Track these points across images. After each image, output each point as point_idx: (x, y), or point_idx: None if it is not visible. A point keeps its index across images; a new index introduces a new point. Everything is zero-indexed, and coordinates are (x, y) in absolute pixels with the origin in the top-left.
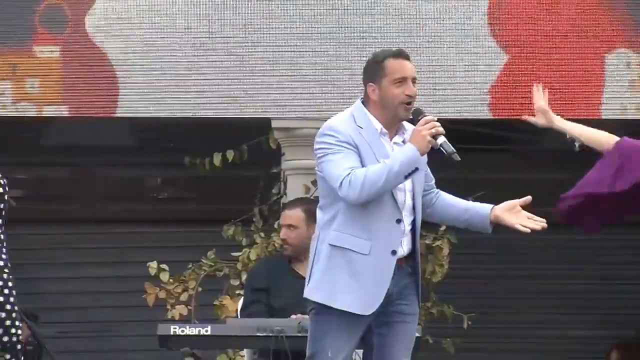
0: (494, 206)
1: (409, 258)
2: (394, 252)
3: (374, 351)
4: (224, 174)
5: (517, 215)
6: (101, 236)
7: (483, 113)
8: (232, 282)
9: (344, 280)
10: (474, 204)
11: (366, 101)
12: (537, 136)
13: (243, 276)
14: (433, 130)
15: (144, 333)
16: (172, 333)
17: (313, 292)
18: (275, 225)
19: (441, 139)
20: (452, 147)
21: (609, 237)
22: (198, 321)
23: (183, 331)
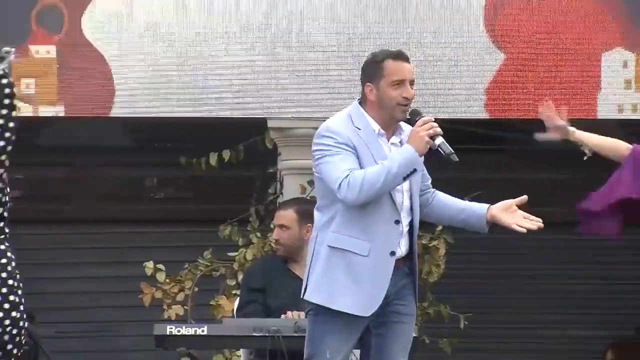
0: (490, 206)
1: (407, 258)
2: (393, 253)
3: (372, 351)
4: (220, 174)
5: (514, 215)
6: (98, 236)
7: (479, 113)
8: (229, 282)
9: (343, 281)
10: (471, 204)
11: (363, 101)
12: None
13: (239, 276)
14: (431, 131)
15: (142, 333)
16: (169, 333)
17: (312, 294)
18: (271, 225)
19: (439, 140)
20: (450, 148)
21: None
22: (194, 321)
23: (179, 331)
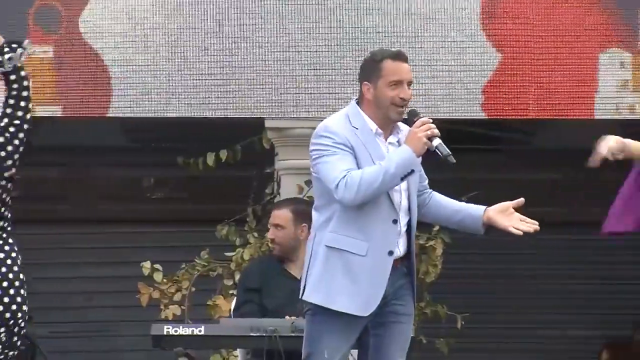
0: (487, 208)
1: (405, 258)
2: (391, 253)
3: (370, 352)
4: (218, 174)
5: (510, 217)
6: (95, 236)
7: (477, 113)
8: (226, 282)
9: (341, 281)
10: (467, 205)
11: (360, 100)
12: (531, 136)
13: (236, 276)
14: (429, 132)
15: (140, 333)
16: (166, 333)
17: (310, 294)
18: (268, 225)
19: (437, 141)
20: (448, 150)
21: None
22: (191, 321)
23: (176, 331)
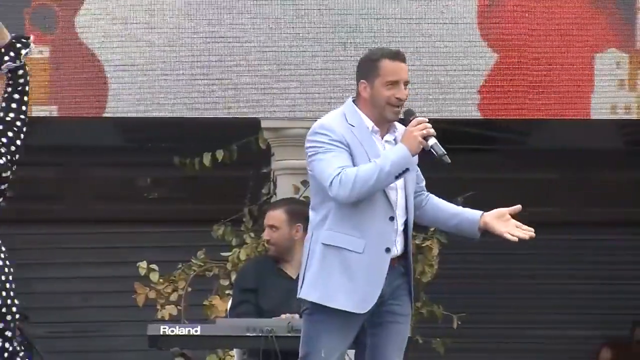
0: (484, 213)
1: (402, 258)
2: (388, 250)
3: (367, 351)
4: (214, 174)
5: (506, 223)
6: (91, 236)
7: (472, 113)
8: (222, 282)
9: (339, 279)
10: (464, 209)
11: (357, 98)
12: (526, 136)
13: (233, 276)
14: (424, 131)
15: (136, 333)
16: (162, 333)
17: (307, 292)
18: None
19: (432, 141)
20: (443, 149)
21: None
22: (188, 321)
23: (173, 331)
